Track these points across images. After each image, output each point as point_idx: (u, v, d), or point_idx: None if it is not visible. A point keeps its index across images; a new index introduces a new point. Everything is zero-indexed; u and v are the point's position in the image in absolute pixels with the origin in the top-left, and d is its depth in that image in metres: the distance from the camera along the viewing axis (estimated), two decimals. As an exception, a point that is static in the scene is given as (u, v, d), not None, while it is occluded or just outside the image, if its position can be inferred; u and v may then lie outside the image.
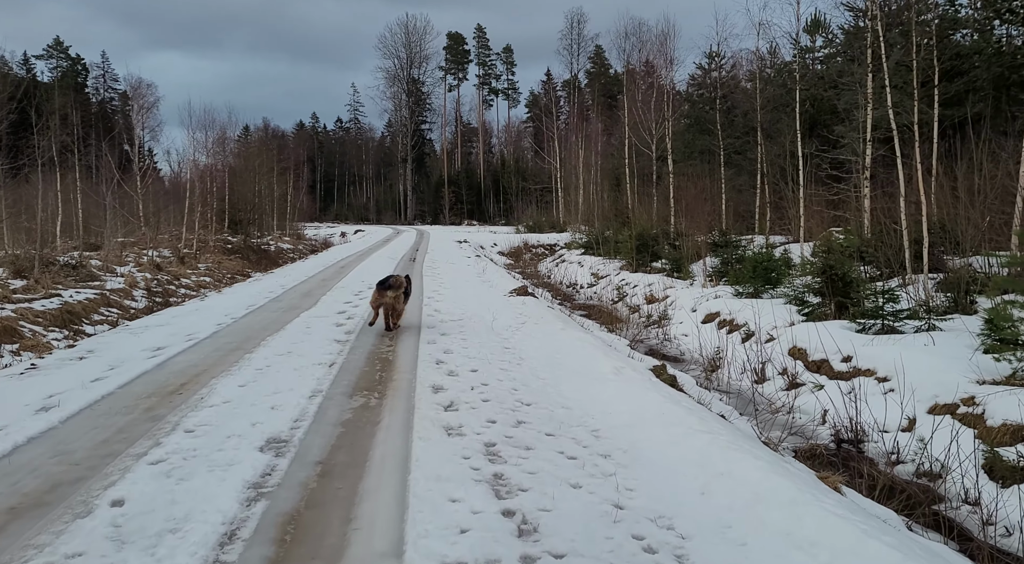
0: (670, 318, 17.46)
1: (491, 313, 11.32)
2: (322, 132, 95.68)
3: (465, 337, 9.31)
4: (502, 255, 37.06)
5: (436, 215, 74.74)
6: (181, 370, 7.52)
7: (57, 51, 77.22)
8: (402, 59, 75.90)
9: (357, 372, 7.41)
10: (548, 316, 11.56)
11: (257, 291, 14.70)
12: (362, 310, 11.53)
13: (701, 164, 32.54)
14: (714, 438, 4.87)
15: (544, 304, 13.62)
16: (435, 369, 7.43)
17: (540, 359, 8.09)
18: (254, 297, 13.68)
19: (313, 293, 14.14)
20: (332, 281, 16.44)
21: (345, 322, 10.37)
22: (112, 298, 17.89)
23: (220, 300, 13.70)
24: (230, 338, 9.36)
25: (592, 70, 74.48)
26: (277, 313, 11.54)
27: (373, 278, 16.63)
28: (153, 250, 27.15)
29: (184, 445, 4.96)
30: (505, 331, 9.88)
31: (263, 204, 44.51)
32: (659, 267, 24.37)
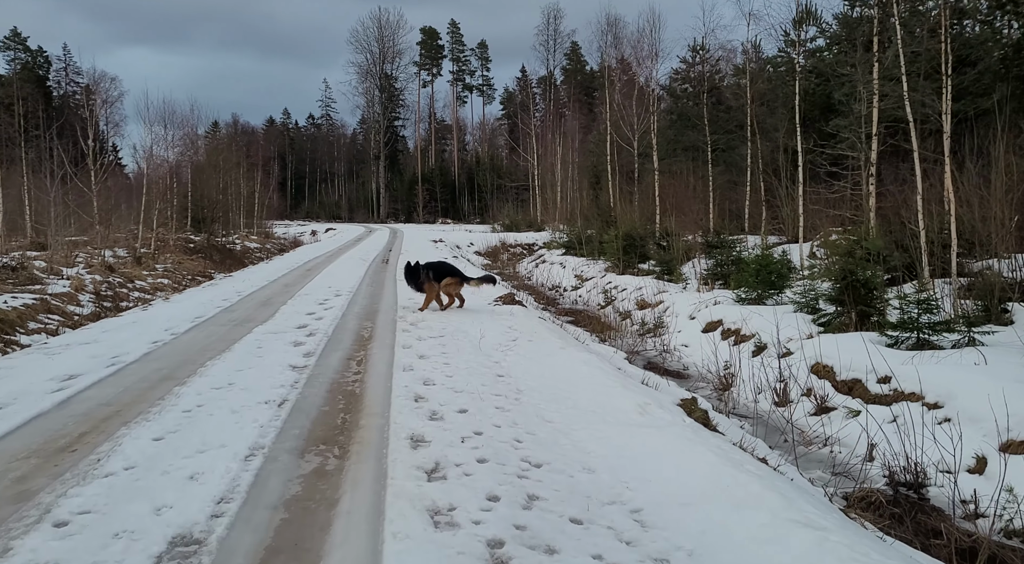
0: (667, 326, 15.99)
1: (477, 327, 9.72)
2: (293, 128, 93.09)
3: (448, 360, 7.69)
4: (479, 255, 35.44)
5: (410, 213, 72.79)
6: (87, 411, 5.82)
7: (15, 43, 73.80)
8: (375, 54, 73.81)
9: (314, 413, 5.76)
10: (542, 330, 9.97)
11: (210, 298, 12.92)
12: (327, 324, 9.85)
13: (686, 161, 31.23)
14: (822, 539, 3.33)
15: (535, 314, 12.04)
16: (413, 409, 5.81)
17: (543, 391, 6.51)
18: (204, 306, 11.91)
19: (272, 301, 12.41)
20: (295, 286, 14.69)
21: (305, 340, 8.68)
22: (54, 304, 15.95)
23: (165, 309, 11.91)
24: (162, 362, 7.64)
25: (568, 67, 73.08)
26: (227, 327, 9.81)
27: (342, 284, 14.98)
28: (108, 250, 25.12)
29: (41, 560, 3.30)
30: (495, 351, 8.28)
31: (229, 201, 42.38)
32: (647, 269, 22.95)
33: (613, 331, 16.66)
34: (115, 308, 17.56)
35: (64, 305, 16.36)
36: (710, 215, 27.99)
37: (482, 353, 8.15)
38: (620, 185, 34.29)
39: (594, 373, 7.28)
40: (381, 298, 12.85)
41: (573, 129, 50.91)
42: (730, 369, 11.93)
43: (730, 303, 15.66)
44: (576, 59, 74.51)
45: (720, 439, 5.59)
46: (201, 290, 15.00)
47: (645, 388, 7.17)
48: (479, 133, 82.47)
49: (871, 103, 17.22)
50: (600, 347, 12.53)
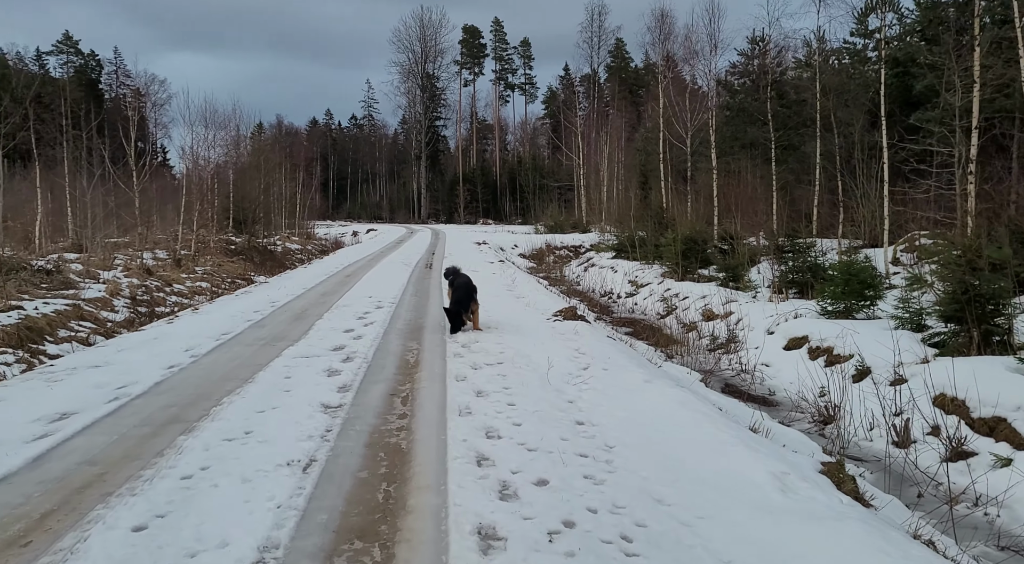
0: (741, 342, 14.33)
1: (539, 350, 8.27)
2: (336, 129, 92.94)
3: (512, 398, 6.25)
4: (524, 258, 34.01)
5: (451, 214, 71.72)
6: (63, 475, 4.53)
7: (67, 47, 74.85)
8: (417, 53, 72.88)
9: (348, 484, 4.38)
10: (615, 354, 8.47)
11: (241, 310, 11.70)
12: (367, 345, 8.50)
13: (744, 159, 29.32)
14: None
15: (602, 332, 10.52)
16: (476, 479, 4.39)
17: (639, 448, 5.03)
18: (233, 319, 10.69)
19: (307, 314, 11.13)
20: (333, 296, 13.42)
21: (341, 368, 7.33)
22: (87, 309, 15.02)
23: (192, 323, 10.71)
24: (173, 396, 6.36)
25: (613, 64, 71.23)
26: (254, 348, 8.53)
27: (383, 292, 13.66)
28: (148, 252, 24.36)
29: None
30: (567, 384, 6.82)
31: (271, 202, 41.68)
32: (708, 275, 21.25)
33: (678, 345, 15.07)
34: (150, 314, 16.60)
35: (97, 311, 15.42)
36: (773, 216, 26.11)
37: (551, 387, 6.69)
38: (672, 185, 32.53)
39: (697, 419, 5.76)
40: (426, 311, 11.48)
41: (619, 127, 49.16)
42: (827, 396, 10.31)
43: (813, 316, 13.96)
44: (620, 57, 72.60)
45: (898, 533, 4.04)
46: (234, 299, 13.84)
47: (765, 442, 5.61)
48: (521, 133, 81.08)
49: (968, 92, 15.32)
50: (673, 368, 10.99)
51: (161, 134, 49.75)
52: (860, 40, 29.51)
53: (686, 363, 13.22)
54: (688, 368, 12.56)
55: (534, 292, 14.84)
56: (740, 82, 32.45)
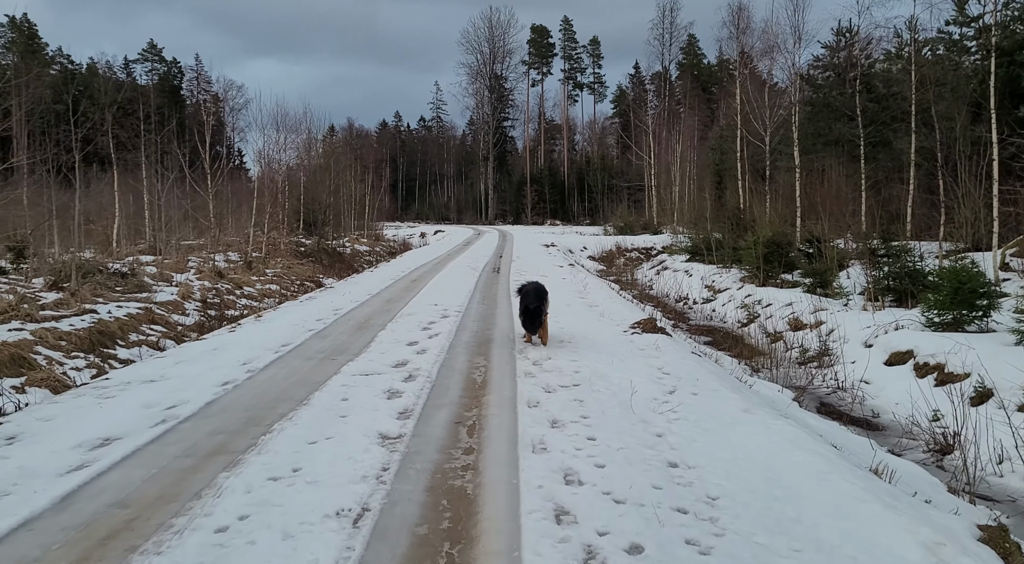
0: (835, 355, 13.14)
1: (619, 370, 7.46)
2: (405, 131, 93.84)
3: (592, 430, 5.48)
4: (593, 260, 33.07)
5: (518, 214, 71.20)
6: (88, 520, 4.00)
7: (152, 54, 77.81)
8: (485, 54, 72.66)
9: (404, 544, 3.69)
10: (704, 375, 7.57)
11: (303, 318, 11.27)
12: (430, 361, 7.87)
13: (827, 156, 27.63)
14: None
15: (685, 347, 9.60)
16: (556, 542, 3.63)
17: (749, 503, 4.18)
18: (295, 329, 10.24)
19: (371, 324, 10.60)
20: (398, 303, 12.89)
21: (403, 388, 6.70)
22: (158, 313, 15.01)
23: (253, 332, 10.33)
24: (222, 420, 5.85)
25: (684, 62, 69.35)
26: (313, 362, 8.01)
27: (449, 300, 13.07)
28: (221, 254, 24.61)
29: None
30: (653, 413, 6.00)
31: (340, 204, 41.95)
32: (792, 280, 19.93)
33: (764, 358, 13.98)
34: (219, 317, 16.50)
35: (168, 314, 15.38)
36: (862, 217, 24.44)
37: (635, 416, 5.88)
38: (749, 184, 31.04)
39: (814, 463, 4.84)
40: (494, 321, 10.79)
41: (691, 126, 47.57)
42: (942, 421, 9.15)
43: (916, 328, 12.67)
44: (692, 53, 70.66)
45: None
46: (298, 305, 13.49)
47: (903, 497, 4.65)
48: (589, 132, 79.95)
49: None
50: (763, 386, 9.99)
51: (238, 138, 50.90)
52: (957, 29, 27.42)
53: (775, 378, 12.16)
54: (778, 384, 11.52)
55: (607, 300, 13.97)
56: (824, 76, 30.65)
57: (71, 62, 77.92)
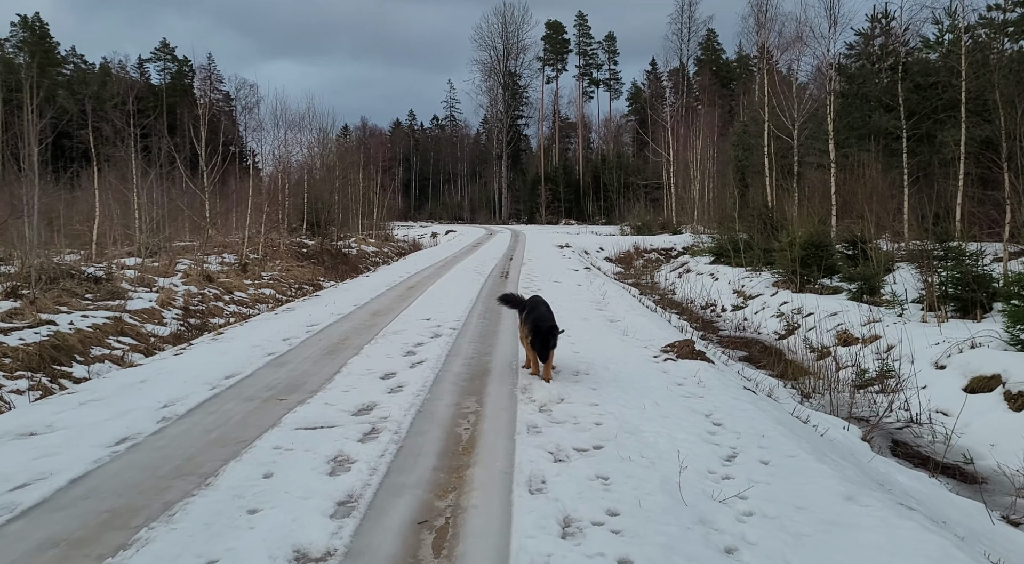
0: (899, 377, 11.04)
1: (655, 421, 5.46)
2: (418, 130, 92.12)
3: (626, 546, 3.50)
4: (610, 262, 30.99)
5: (532, 214, 69.14)
6: None
7: (164, 54, 76.58)
8: (498, 51, 70.58)
9: None
10: (769, 427, 5.55)
11: (267, 337, 9.34)
12: (404, 405, 5.90)
13: (862, 151, 25.40)
14: None
15: (734, 382, 7.50)
16: None
17: None
18: (253, 351, 8.32)
19: (345, 345, 8.64)
20: (385, 316, 10.92)
21: (357, 454, 4.70)
22: (130, 322, 13.16)
23: (199, 356, 8.42)
24: (70, 520, 3.89)
25: (702, 57, 66.99)
26: (252, 405, 6.07)
27: (445, 313, 11.08)
28: (216, 255, 22.83)
29: None
30: (713, 504, 4.00)
31: (348, 203, 40.16)
32: (833, 286, 17.80)
33: (811, 378, 11.90)
34: (201, 326, 14.64)
35: (142, 324, 13.53)
36: (904, 215, 22.22)
37: (688, 512, 3.88)
38: (775, 181, 28.85)
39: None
40: (495, 342, 8.78)
41: (711, 122, 45.34)
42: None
43: (998, 345, 10.54)
44: (711, 49, 68.29)
45: None
46: (272, 318, 11.58)
47: None
48: (605, 130, 77.70)
49: None
50: (825, 420, 7.95)
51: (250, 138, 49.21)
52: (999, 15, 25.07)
53: (832, 407, 10.10)
54: (838, 417, 9.45)
55: (631, 312, 11.92)
56: (857, 65, 28.35)
57: (84, 62, 77.00)
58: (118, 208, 25.93)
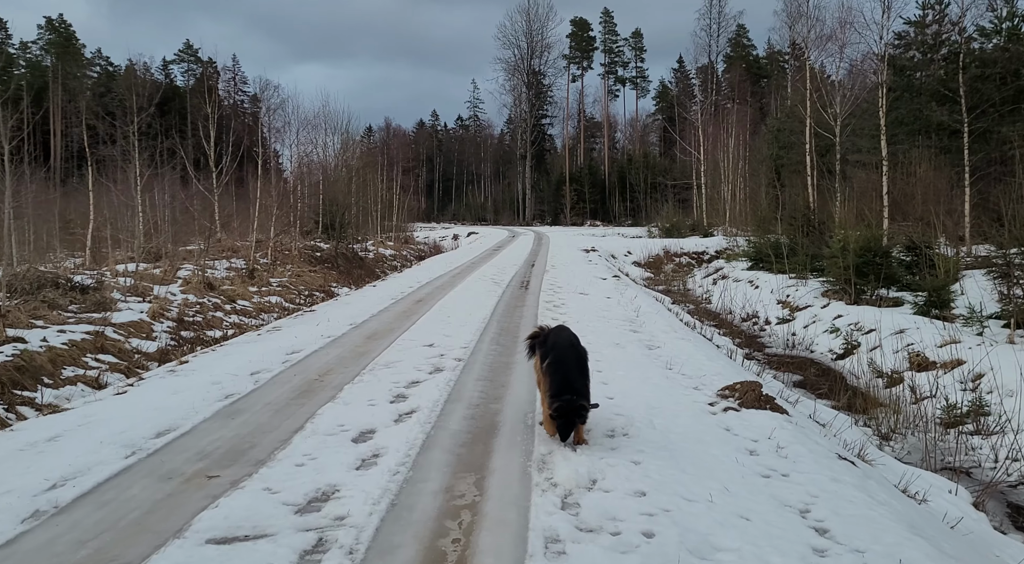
0: (997, 414, 9.09)
1: (732, 525, 3.71)
2: (442, 131, 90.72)
3: None
4: (638, 266, 29.08)
5: (556, 215, 67.25)
6: None
7: (188, 55, 76.03)
8: (522, 49, 68.74)
9: None
10: (903, 541, 3.74)
11: (235, 369, 7.68)
12: (378, 483, 4.21)
13: (915, 148, 23.24)
14: None
15: (826, 448, 5.62)
16: None
17: None
18: (209, 390, 6.67)
19: (321, 386, 6.93)
20: (382, 340, 9.20)
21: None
22: (113, 338, 11.67)
23: (141, 398, 6.78)
24: None
25: (732, 54, 64.62)
26: (168, 487, 4.40)
27: (453, 336, 9.31)
28: (225, 260, 21.42)
29: None
30: None
31: (368, 205, 38.70)
32: (892, 298, 15.80)
33: (884, 410, 10.00)
34: (195, 340, 13.13)
35: (126, 339, 12.01)
36: (965, 218, 20.10)
37: None
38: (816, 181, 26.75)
39: None
40: (508, 380, 7.02)
41: (743, 119, 43.15)
42: None
43: (1123, 380, 8.56)
44: (741, 46, 65.88)
45: None
46: (256, 340, 9.96)
47: None
48: (631, 130, 75.56)
49: None
50: (923, 478, 6.10)
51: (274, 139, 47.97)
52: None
53: (924, 456, 8.22)
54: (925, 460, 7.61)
55: (670, 333, 10.08)
56: (907, 56, 26.12)
57: (111, 64, 76.79)
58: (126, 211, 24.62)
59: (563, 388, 4.68)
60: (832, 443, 5.77)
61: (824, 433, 6.23)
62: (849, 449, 6.00)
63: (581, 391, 4.76)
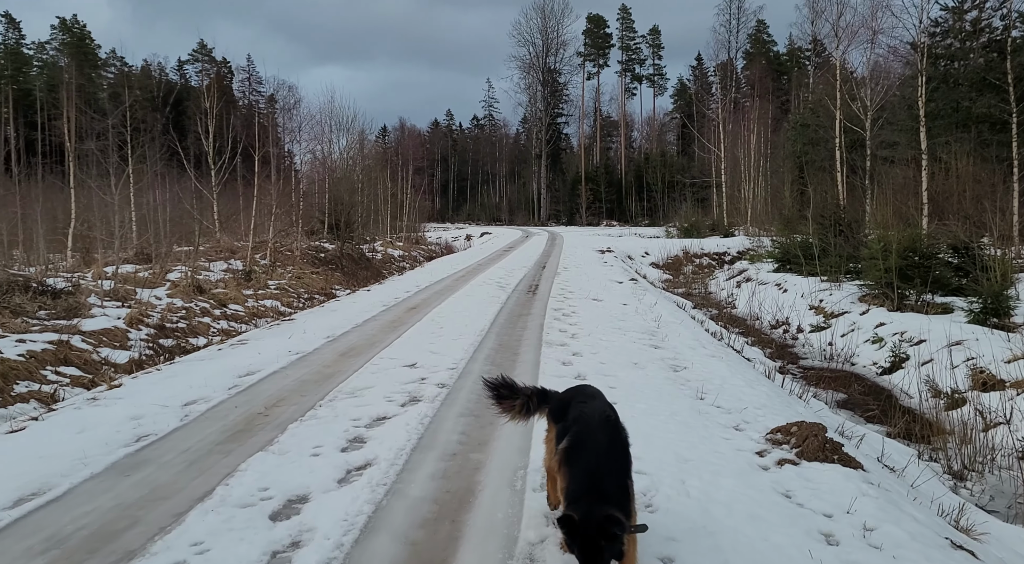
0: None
1: None
2: (457, 130, 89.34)
3: None
4: (656, 268, 27.46)
5: (572, 215, 65.59)
6: None
7: (202, 55, 75.26)
8: (537, 47, 67.10)
9: None
10: None
11: (168, 398, 6.26)
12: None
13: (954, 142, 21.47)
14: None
15: (926, 524, 4.14)
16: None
17: None
18: (113, 436, 5.24)
19: (263, 422, 5.49)
20: (356, 359, 7.73)
21: None
22: (79, 347, 10.33)
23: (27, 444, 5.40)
24: None
25: (751, 50, 62.63)
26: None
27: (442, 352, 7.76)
28: (223, 261, 20.15)
29: None
30: None
31: (377, 205, 37.39)
32: (940, 304, 14.13)
33: (945, 436, 8.42)
34: (177, 348, 11.81)
35: (94, 348, 10.65)
36: (1014, 216, 18.33)
37: None
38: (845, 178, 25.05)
39: None
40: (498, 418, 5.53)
41: (765, 115, 41.35)
42: None
43: None
44: (760, 42, 63.86)
45: None
46: (216, 357, 8.56)
47: None
48: (648, 129, 73.67)
49: None
50: None
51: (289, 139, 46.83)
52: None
53: (1001, 495, 6.69)
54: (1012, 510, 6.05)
55: (697, 348, 8.52)
56: (944, 44, 24.29)
57: (126, 64, 76.30)
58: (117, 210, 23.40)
59: (585, 488, 2.98)
60: (932, 515, 4.21)
61: (910, 493, 4.66)
62: (947, 516, 4.44)
63: (614, 496, 2.97)
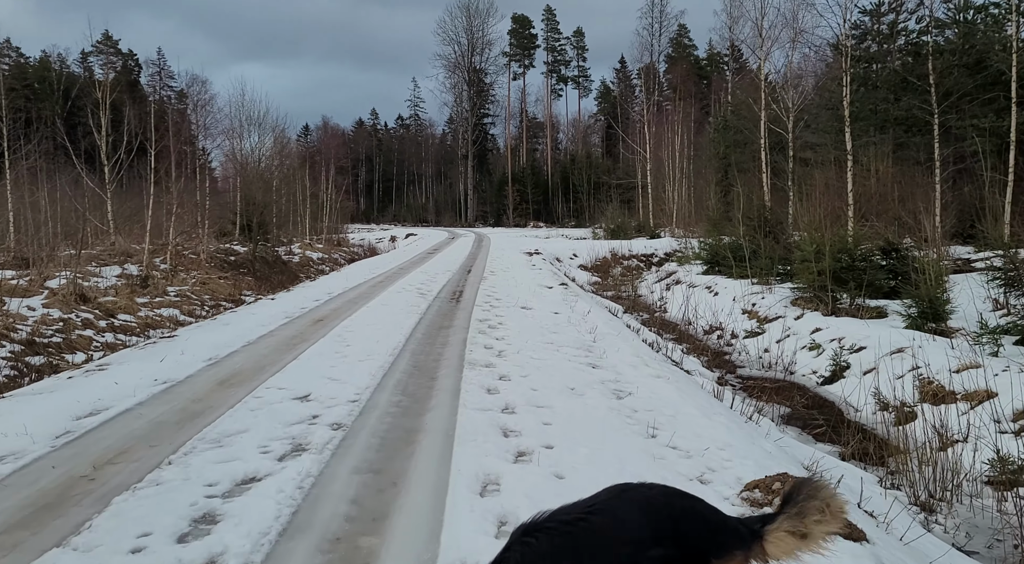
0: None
1: None
2: (382, 130, 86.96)
3: None
4: (584, 270, 26.68)
5: (499, 216, 64.61)
6: None
7: (107, 47, 70.37)
8: (463, 46, 65.74)
9: None
10: None
11: None
12: None
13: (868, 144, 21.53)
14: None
15: None
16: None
17: None
18: None
19: (81, 496, 4.08)
20: (237, 390, 6.29)
21: None
22: None
23: None
24: None
25: (673, 54, 63.19)
26: None
27: (344, 380, 6.14)
28: (118, 266, 18.02)
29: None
30: None
31: (296, 205, 35.35)
32: (875, 308, 13.71)
33: (904, 457, 7.68)
34: (49, 368, 9.99)
35: None
36: (935, 218, 18.28)
37: None
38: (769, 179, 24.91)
39: None
40: (407, 469, 4.27)
41: (688, 118, 41.43)
42: None
43: None
44: (682, 46, 64.55)
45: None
46: (58, 388, 6.91)
47: None
48: (574, 130, 73.47)
49: None
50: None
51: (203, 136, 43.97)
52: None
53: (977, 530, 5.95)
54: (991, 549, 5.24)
55: (640, 367, 7.47)
56: (862, 47, 24.43)
57: (22, 55, 70.68)
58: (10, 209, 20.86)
59: None
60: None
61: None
62: None
63: None
